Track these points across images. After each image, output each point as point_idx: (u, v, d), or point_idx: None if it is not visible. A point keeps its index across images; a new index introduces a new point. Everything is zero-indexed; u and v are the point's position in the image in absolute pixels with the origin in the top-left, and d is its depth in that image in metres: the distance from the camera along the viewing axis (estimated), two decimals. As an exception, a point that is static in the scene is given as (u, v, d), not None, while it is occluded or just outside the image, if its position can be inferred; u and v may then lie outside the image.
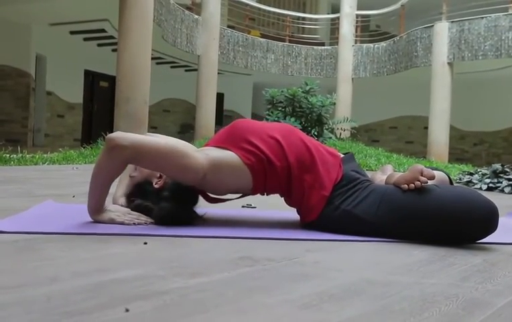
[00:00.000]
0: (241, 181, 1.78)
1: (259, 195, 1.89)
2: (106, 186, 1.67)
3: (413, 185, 1.65)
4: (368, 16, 15.59)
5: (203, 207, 1.88)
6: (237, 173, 1.75)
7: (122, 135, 1.63)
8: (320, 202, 1.76)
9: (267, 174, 1.77)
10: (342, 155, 1.91)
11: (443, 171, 1.94)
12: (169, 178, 1.77)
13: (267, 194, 1.89)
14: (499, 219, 1.66)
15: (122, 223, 1.68)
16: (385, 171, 1.97)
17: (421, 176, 1.65)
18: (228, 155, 1.75)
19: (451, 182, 1.89)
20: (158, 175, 1.80)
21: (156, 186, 1.78)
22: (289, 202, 1.88)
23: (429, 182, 1.68)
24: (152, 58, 8.57)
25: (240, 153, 1.76)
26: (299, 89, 7.53)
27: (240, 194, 1.91)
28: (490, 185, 4.77)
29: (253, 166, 1.76)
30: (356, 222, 1.71)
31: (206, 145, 1.87)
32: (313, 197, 1.77)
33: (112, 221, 1.68)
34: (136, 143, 1.62)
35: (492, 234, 1.70)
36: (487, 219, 1.61)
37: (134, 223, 1.69)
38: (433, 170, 1.83)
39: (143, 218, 1.73)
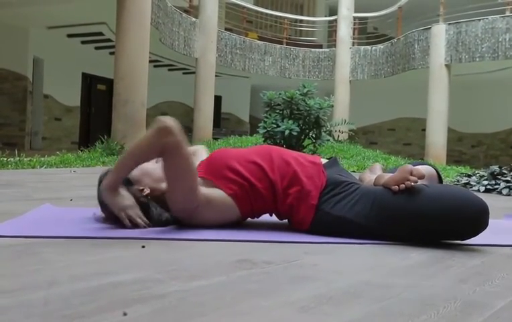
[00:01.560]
0: (228, 214, 1.79)
1: None
2: (133, 164, 1.68)
3: (403, 185, 1.65)
4: (365, 18, 15.62)
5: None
6: (224, 207, 1.77)
7: (174, 123, 1.64)
8: (309, 211, 1.75)
9: (251, 198, 1.79)
10: (325, 160, 1.91)
11: (431, 166, 1.94)
12: (163, 194, 1.77)
13: (257, 217, 1.89)
14: (498, 220, 1.66)
15: (122, 219, 1.67)
16: (373, 170, 1.96)
17: (411, 176, 1.65)
18: (215, 191, 1.77)
19: (439, 177, 1.89)
20: (141, 188, 1.79)
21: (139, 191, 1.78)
22: (280, 217, 1.88)
23: (419, 181, 1.68)
24: (150, 61, 8.58)
25: (222, 183, 1.77)
26: (297, 92, 7.52)
27: None
28: (488, 187, 4.78)
29: (236, 195, 1.77)
30: (350, 226, 1.70)
31: None
32: (301, 208, 1.76)
33: (117, 209, 1.67)
34: (181, 139, 1.63)
35: (490, 236, 1.70)
36: (478, 218, 1.61)
37: (134, 223, 1.68)
38: (421, 166, 1.83)
39: (143, 220, 1.72)
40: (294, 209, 1.78)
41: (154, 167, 1.85)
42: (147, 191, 1.78)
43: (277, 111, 7.60)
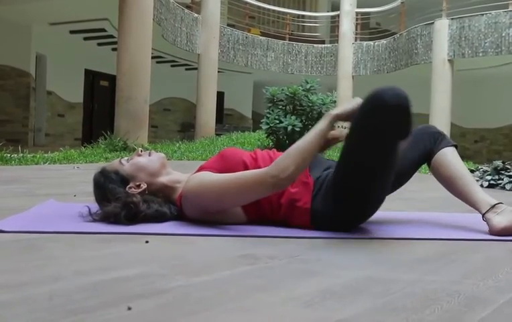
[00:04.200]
0: (235, 217, 1.76)
1: None
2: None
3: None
4: (368, 13, 15.58)
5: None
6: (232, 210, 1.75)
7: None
8: (304, 215, 1.72)
9: (253, 205, 1.74)
10: None
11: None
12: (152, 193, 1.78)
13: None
14: None
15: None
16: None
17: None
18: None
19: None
20: (137, 183, 1.78)
21: (131, 191, 1.75)
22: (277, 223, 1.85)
23: None
24: (152, 57, 8.57)
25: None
26: (300, 87, 7.52)
27: None
28: (492, 182, 4.77)
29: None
30: (336, 222, 1.70)
31: (202, 168, 1.81)
32: (295, 215, 1.73)
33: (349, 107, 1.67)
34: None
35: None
36: (394, 104, 1.55)
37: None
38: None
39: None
40: (289, 219, 1.75)
41: (148, 161, 1.83)
42: (143, 186, 1.78)
43: (280, 107, 7.60)
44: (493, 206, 1.79)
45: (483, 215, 1.80)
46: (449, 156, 1.92)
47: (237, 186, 1.63)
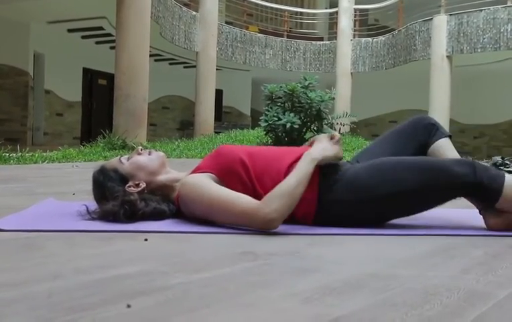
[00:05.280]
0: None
1: None
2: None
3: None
4: (366, 10, 15.57)
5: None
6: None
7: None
8: (310, 206, 1.72)
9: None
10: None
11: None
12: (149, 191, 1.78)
13: None
14: None
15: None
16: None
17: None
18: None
19: None
20: (136, 182, 1.78)
21: (130, 190, 1.75)
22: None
23: None
24: (150, 55, 8.57)
25: (234, 179, 1.74)
26: (298, 84, 7.52)
27: None
28: (490, 178, 4.77)
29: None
30: (340, 217, 1.71)
31: (198, 168, 1.80)
32: (301, 204, 1.70)
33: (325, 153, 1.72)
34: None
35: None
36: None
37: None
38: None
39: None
40: (293, 209, 1.75)
41: (148, 160, 1.83)
42: (143, 185, 1.78)
43: (279, 104, 7.60)
44: None
45: (480, 211, 1.80)
46: (443, 148, 1.93)
47: (225, 211, 1.62)
